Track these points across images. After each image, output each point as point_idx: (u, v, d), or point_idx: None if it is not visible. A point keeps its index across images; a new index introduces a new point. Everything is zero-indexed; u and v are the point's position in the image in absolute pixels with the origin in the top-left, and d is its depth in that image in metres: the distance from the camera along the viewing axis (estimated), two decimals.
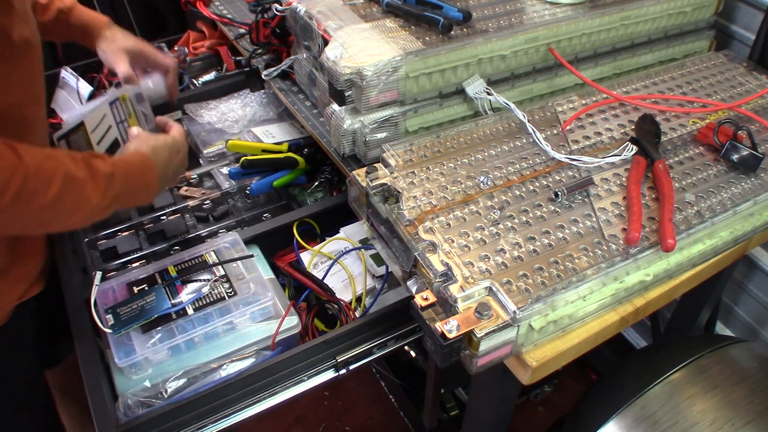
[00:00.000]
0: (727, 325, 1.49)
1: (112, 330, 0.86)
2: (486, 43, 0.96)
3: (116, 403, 0.83)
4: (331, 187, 1.20)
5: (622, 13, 1.07)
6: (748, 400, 0.91)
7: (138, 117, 1.03)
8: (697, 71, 1.12)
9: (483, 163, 0.90)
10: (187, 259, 0.97)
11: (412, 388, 1.63)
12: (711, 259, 0.86)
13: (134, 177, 0.87)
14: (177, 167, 0.98)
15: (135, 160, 0.89)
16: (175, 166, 0.97)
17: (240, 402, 0.86)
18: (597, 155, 0.91)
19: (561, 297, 0.72)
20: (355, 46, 0.92)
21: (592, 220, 0.81)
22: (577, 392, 1.79)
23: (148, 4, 2.30)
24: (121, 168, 0.84)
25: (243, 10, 1.48)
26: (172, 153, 0.95)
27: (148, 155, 0.90)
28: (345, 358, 0.91)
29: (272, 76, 1.24)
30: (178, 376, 0.86)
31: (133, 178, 0.87)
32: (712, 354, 0.98)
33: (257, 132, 1.26)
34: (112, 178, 0.82)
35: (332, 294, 0.98)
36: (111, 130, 1.05)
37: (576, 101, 1.03)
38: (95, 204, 0.80)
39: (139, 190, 0.89)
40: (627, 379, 0.98)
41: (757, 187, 0.87)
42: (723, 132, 0.92)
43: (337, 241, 1.07)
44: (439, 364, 0.70)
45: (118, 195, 0.83)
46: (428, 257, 0.75)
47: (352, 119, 0.96)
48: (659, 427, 0.89)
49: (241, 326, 0.90)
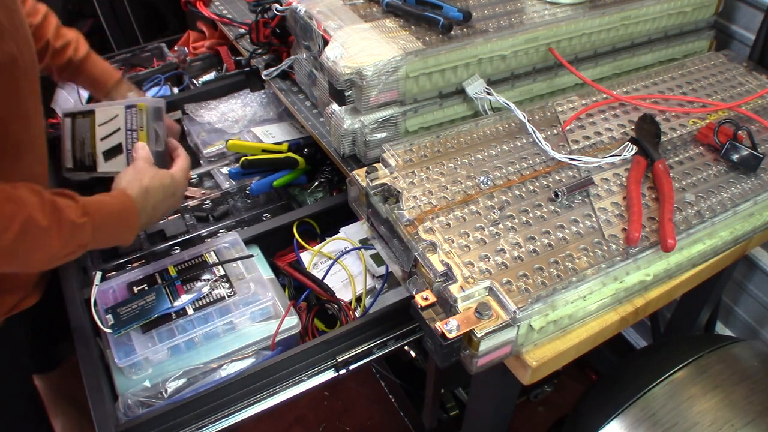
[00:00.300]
0: (727, 325, 1.49)
1: (112, 330, 0.86)
2: (486, 43, 0.96)
3: (116, 403, 0.83)
4: (331, 187, 1.20)
5: (622, 13, 1.07)
6: (748, 400, 0.91)
7: (149, 132, 1.01)
8: (697, 71, 1.12)
9: (483, 163, 0.90)
10: (187, 259, 0.96)
11: (412, 388, 1.63)
12: (711, 259, 0.86)
13: (109, 226, 0.84)
14: (168, 208, 0.95)
15: (114, 206, 0.85)
16: (167, 207, 0.94)
17: (240, 402, 0.86)
18: (597, 155, 0.91)
19: (561, 297, 0.72)
20: (355, 46, 0.92)
21: (592, 220, 0.81)
22: (577, 392, 1.79)
23: (148, 4, 2.30)
24: (95, 215, 0.80)
25: (243, 10, 1.48)
26: (166, 195, 0.92)
27: (132, 200, 0.87)
28: (345, 358, 0.91)
29: (272, 76, 1.24)
30: (178, 376, 0.86)
31: (108, 228, 0.83)
32: (712, 354, 0.98)
33: (257, 132, 1.26)
34: (81, 228, 0.78)
35: (332, 294, 0.98)
36: (118, 134, 1.03)
37: (576, 101, 1.03)
38: (57, 251, 0.77)
39: (115, 236, 0.87)
40: (627, 379, 0.98)
41: (757, 187, 0.87)
42: (723, 132, 0.92)
43: (337, 241, 1.07)
44: (439, 364, 0.70)
45: (86, 244, 0.80)
46: (428, 257, 0.75)
47: (352, 119, 0.96)
48: (660, 427, 0.89)
49: (241, 326, 0.90)
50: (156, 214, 0.92)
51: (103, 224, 0.82)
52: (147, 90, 1.39)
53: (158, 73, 1.44)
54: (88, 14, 2.25)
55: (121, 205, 0.86)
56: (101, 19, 2.20)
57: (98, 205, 0.83)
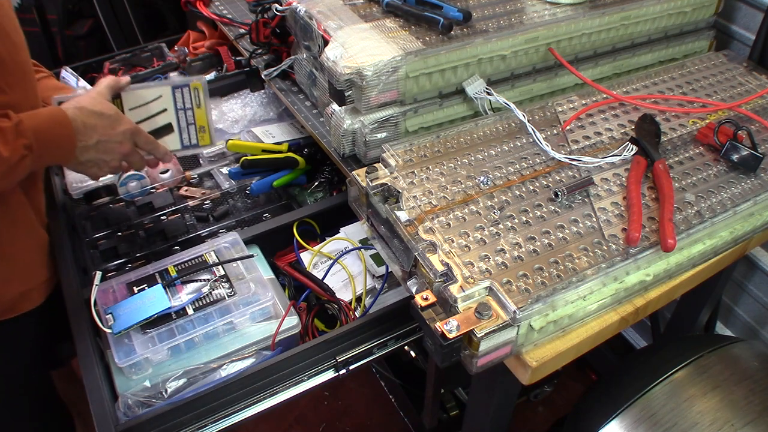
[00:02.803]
0: (727, 325, 1.49)
1: (112, 330, 0.86)
2: (486, 43, 0.96)
3: (116, 403, 0.83)
4: (331, 187, 1.20)
5: (622, 13, 1.07)
6: (748, 400, 0.91)
7: (207, 110, 1.05)
8: (697, 71, 1.12)
9: (483, 163, 0.90)
10: (187, 259, 0.96)
11: (412, 388, 1.63)
12: (711, 259, 0.86)
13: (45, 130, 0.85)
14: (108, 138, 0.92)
15: (45, 113, 0.87)
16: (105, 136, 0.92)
17: (240, 402, 0.86)
18: (597, 155, 0.91)
19: (561, 297, 0.72)
20: (355, 46, 0.92)
21: (592, 220, 0.81)
22: (577, 392, 1.80)
23: (148, 4, 2.30)
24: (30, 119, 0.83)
25: (243, 10, 1.48)
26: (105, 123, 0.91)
27: (63, 110, 0.88)
28: (345, 358, 0.91)
29: (272, 76, 1.24)
30: (178, 376, 0.86)
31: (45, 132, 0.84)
32: (712, 354, 0.98)
33: (257, 132, 1.26)
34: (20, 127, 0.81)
35: (332, 294, 0.98)
36: (165, 114, 1.05)
37: (576, 101, 1.03)
38: (6, 157, 0.79)
39: (56, 144, 0.87)
40: (627, 379, 0.98)
41: (757, 187, 0.87)
42: (723, 132, 0.92)
43: (337, 241, 1.07)
44: (439, 364, 0.70)
45: (30, 145, 0.82)
46: (428, 257, 0.75)
47: (352, 119, 0.96)
48: (659, 427, 0.89)
49: (241, 326, 0.90)
50: (91, 135, 0.90)
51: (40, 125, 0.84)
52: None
53: (158, 73, 1.44)
54: (88, 14, 2.25)
55: (53, 112, 0.88)
56: (101, 19, 2.20)
57: (30, 113, 0.85)
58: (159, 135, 1.05)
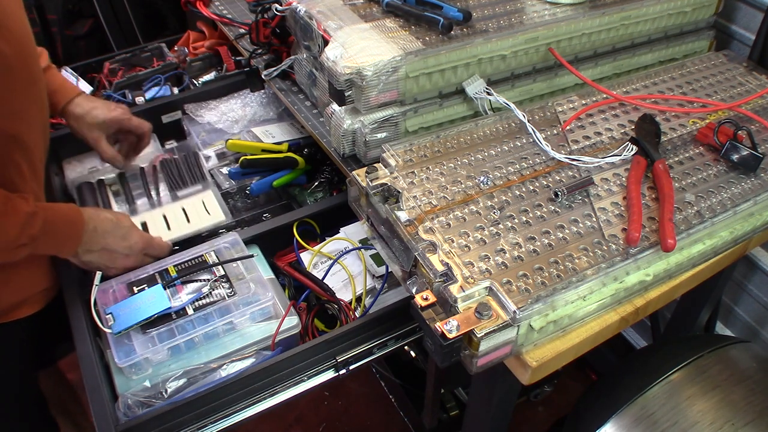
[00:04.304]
0: (727, 325, 1.49)
1: (112, 330, 0.86)
2: (486, 43, 0.96)
3: (116, 403, 0.83)
4: (331, 187, 1.20)
5: (622, 13, 1.07)
6: (747, 400, 0.91)
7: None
8: (697, 71, 1.12)
9: (483, 163, 0.90)
10: (186, 259, 0.96)
11: (412, 388, 1.63)
12: (711, 259, 0.86)
13: (57, 223, 0.87)
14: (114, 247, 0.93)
15: (63, 209, 0.89)
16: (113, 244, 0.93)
17: (240, 402, 0.86)
18: (597, 155, 0.91)
19: (561, 297, 0.72)
20: (355, 46, 0.92)
21: (592, 220, 0.81)
22: (577, 392, 1.79)
23: (148, 4, 2.30)
24: (46, 211, 0.85)
25: (243, 10, 1.48)
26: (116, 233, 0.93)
27: (81, 212, 0.91)
28: (345, 358, 0.91)
29: (272, 76, 1.24)
30: (178, 376, 0.86)
31: (55, 226, 0.86)
32: (711, 354, 0.98)
33: (257, 132, 1.26)
34: (33, 217, 0.82)
35: (332, 294, 0.98)
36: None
37: (576, 101, 1.03)
38: (11, 239, 0.81)
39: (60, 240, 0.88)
40: (627, 379, 0.98)
41: (757, 187, 0.87)
42: (723, 132, 0.92)
43: (337, 241, 1.07)
44: (439, 364, 0.70)
45: (35, 237, 0.83)
46: (428, 257, 0.75)
47: (352, 119, 0.96)
48: (659, 427, 0.89)
49: (241, 326, 0.90)
50: (99, 241, 0.91)
51: (51, 220, 0.85)
52: (147, 90, 1.38)
53: (158, 73, 1.44)
54: (88, 14, 2.25)
55: (70, 210, 0.90)
56: (101, 19, 2.20)
57: (48, 205, 0.88)
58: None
